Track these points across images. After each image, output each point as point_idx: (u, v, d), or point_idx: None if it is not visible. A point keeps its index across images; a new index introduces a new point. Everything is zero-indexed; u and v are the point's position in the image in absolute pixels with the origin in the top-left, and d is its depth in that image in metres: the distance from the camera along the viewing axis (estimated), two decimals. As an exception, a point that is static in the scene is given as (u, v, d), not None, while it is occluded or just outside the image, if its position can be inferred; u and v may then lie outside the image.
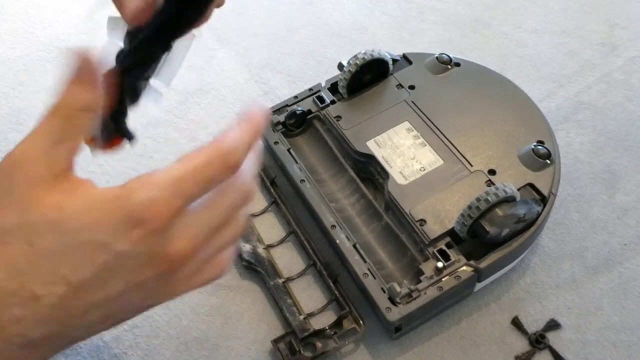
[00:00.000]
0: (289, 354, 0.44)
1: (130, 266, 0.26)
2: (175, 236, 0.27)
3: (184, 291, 0.30)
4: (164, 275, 0.27)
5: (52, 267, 0.25)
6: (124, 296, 0.27)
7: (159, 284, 0.28)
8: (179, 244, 0.27)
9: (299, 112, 0.55)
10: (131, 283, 0.26)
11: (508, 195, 0.43)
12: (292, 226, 0.52)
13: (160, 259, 0.27)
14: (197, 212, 0.28)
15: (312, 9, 0.73)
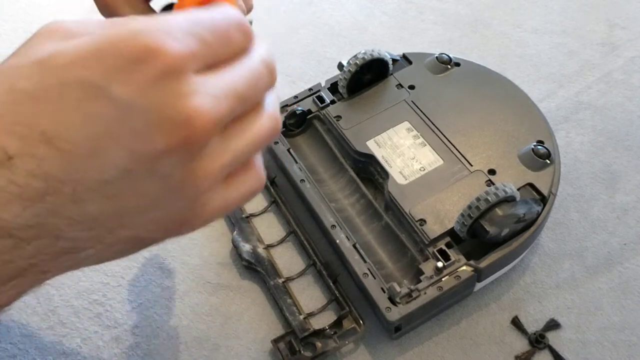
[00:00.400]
0: (289, 354, 0.44)
1: (134, 125, 0.20)
2: (193, 89, 0.20)
3: (221, 204, 0.24)
4: (183, 151, 0.21)
5: (29, 116, 0.19)
6: (132, 183, 0.21)
7: (181, 172, 0.21)
8: (199, 100, 0.20)
9: (299, 112, 0.55)
10: (138, 155, 0.20)
11: (508, 195, 0.43)
12: (292, 226, 0.52)
13: (174, 117, 0.20)
14: (219, 72, 0.22)
15: (312, 9, 0.73)
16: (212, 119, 0.21)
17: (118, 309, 0.49)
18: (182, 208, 0.23)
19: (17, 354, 0.46)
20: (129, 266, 0.51)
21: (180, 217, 0.23)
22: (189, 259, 0.51)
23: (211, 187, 0.23)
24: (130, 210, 0.22)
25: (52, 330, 0.48)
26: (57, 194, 0.20)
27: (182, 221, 0.24)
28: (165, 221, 0.23)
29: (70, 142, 0.20)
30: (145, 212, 0.22)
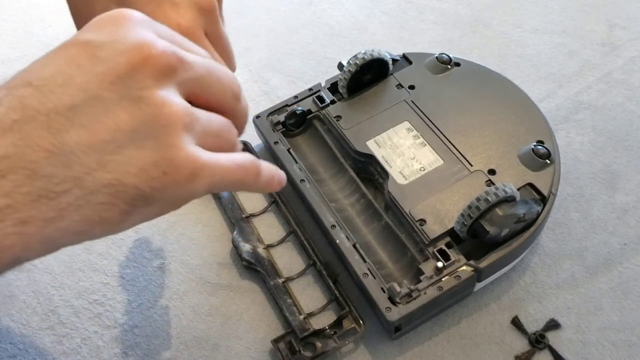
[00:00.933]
0: (289, 354, 0.44)
1: (98, 54, 0.23)
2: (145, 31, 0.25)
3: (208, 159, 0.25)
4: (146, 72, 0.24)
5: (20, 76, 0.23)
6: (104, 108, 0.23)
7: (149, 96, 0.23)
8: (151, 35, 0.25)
9: (299, 112, 0.55)
10: (104, 77, 0.23)
11: (508, 195, 0.43)
12: (292, 226, 0.52)
13: (133, 43, 0.24)
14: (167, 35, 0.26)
15: (312, 9, 0.73)
16: (170, 50, 0.24)
17: (118, 309, 0.49)
18: (160, 146, 0.24)
19: (17, 354, 0.46)
20: (129, 266, 0.51)
21: (160, 158, 0.24)
22: (189, 259, 0.51)
23: (193, 131, 0.25)
24: (106, 145, 0.23)
25: (52, 330, 0.48)
26: (32, 122, 0.21)
27: (164, 166, 0.24)
28: (145, 164, 0.23)
29: (45, 78, 0.22)
30: (122, 149, 0.23)
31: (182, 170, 0.24)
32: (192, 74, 0.26)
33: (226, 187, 0.27)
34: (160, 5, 0.33)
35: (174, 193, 0.24)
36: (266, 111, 0.57)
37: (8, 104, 0.22)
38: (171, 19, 0.32)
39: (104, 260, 0.51)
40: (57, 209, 0.22)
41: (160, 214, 0.25)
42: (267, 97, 0.64)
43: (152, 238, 0.53)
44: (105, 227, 0.24)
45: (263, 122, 0.56)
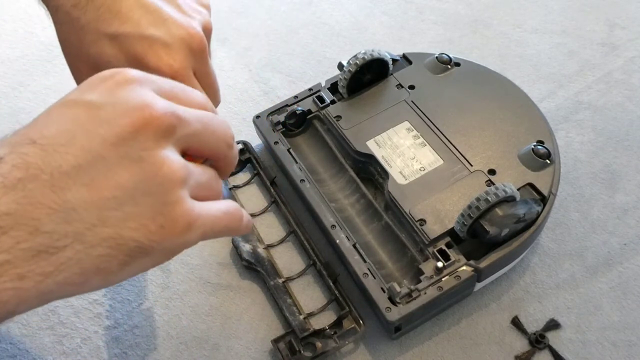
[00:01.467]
0: (289, 354, 0.44)
1: (102, 116, 0.24)
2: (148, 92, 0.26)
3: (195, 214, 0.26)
4: (146, 134, 0.24)
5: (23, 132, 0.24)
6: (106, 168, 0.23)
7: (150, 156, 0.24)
8: (151, 95, 0.25)
9: (299, 112, 0.55)
10: (107, 139, 0.23)
11: (508, 195, 0.43)
12: (292, 226, 0.52)
13: (134, 106, 0.24)
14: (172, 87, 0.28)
15: (312, 9, 0.73)
16: (170, 110, 0.25)
17: (118, 309, 0.49)
18: (159, 203, 0.25)
19: (17, 354, 0.46)
20: (129, 266, 0.51)
21: (158, 214, 0.25)
22: (189, 259, 0.51)
23: (183, 183, 0.25)
24: (107, 202, 0.23)
25: (52, 330, 0.48)
26: (36, 181, 0.22)
27: (162, 220, 0.25)
28: (144, 219, 0.24)
29: (49, 138, 0.23)
30: (123, 206, 0.24)
31: (179, 223, 0.25)
32: (190, 131, 0.27)
33: (216, 234, 0.28)
34: (152, 45, 0.33)
35: (170, 244, 0.26)
36: (266, 111, 0.57)
37: (12, 162, 0.22)
38: (163, 59, 0.33)
39: (104, 260, 0.51)
40: (56, 264, 0.23)
41: (155, 264, 0.26)
42: (267, 97, 0.64)
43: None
44: (102, 279, 0.25)
45: (263, 122, 0.56)
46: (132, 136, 0.24)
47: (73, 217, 0.23)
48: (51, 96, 0.64)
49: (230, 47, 0.69)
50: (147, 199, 0.24)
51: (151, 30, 0.33)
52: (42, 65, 0.67)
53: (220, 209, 0.28)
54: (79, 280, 0.24)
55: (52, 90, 0.65)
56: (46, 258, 0.22)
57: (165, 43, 0.33)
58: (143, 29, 0.33)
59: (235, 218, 0.29)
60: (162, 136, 0.25)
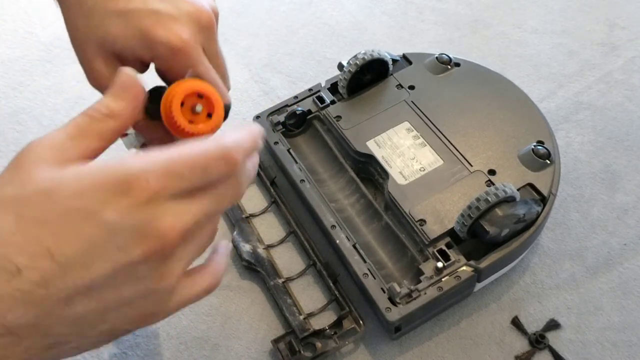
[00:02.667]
0: (289, 354, 0.44)
1: (118, 242, 0.25)
2: (165, 212, 0.26)
3: (183, 299, 0.29)
4: (155, 259, 0.26)
5: (37, 237, 0.24)
6: (114, 286, 0.25)
7: (154, 274, 0.26)
8: (169, 221, 0.26)
9: (299, 112, 0.55)
10: (120, 265, 0.25)
11: (508, 195, 0.43)
12: (292, 226, 0.52)
13: (149, 233, 0.25)
14: (190, 197, 0.27)
15: (312, 9, 0.73)
16: (180, 229, 0.26)
17: (118, 309, 0.49)
18: (153, 303, 0.27)
19: (17, 354, 0.46)
20: (129, 266, 0.51)
21: (151, 311, 0.28)
22: (189, 259, 0.51)
23: (176, 284, 0.27)
24: (110, 309, 0.26)
25: (52, 331, 0.48)
26: (53, 298, 0.24)
27: (152, 315, 0.28)
28: (139, 315, 0.27)
29: (68, 257, 0.24)
30: (123, 309, 0.26)
31: (163, 318, 0.29)
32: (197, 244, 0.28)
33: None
34: (160, 18, 0.32)
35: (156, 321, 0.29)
36: (266, 111, 0.57)
37: (32, 279, 0.24)
38: (172, 30, 0.32)
39: (104, 260, 0.51)
40: (60, 352, 0.26)
41: None
42: (267, 97, 0.64)
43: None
44: (99, 347, 0.29)
45: (263, 122, 0.56)
46: (144, 261, 0.25)
47: (79, 322, 0.25)
48: (51, 96, 0.64)
49: (230, 47, 0.69)
50: (144, 303, 0.27)
51: (159, 4, 0.33)
52: (42, 65, 0.67)
53: (199, 291, 0.30)
54: (78, 353, 0.28)
55: (52, 90, 0.65)
56: (54, 350, 0.26)
57: (173, 16, 0.33)
58: (150, 4, 0.32)
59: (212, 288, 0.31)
60: (168, 257, 0.26)
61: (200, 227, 0.28)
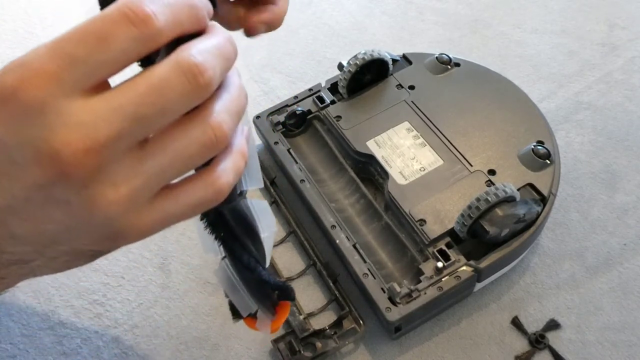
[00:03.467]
0: (289, 354, 0.44)
1: (15, 159, 0.20)
2: (60, 121, 0.20)
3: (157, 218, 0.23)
4: (66, 182, 0.21)
5: None
6: (39, 208, 0.21)
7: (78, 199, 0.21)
8: (64, 135, 0.20)
9: (299, 112, 0.55)
10: (27, 185, 0.21)
11: (508, 195, 0.43)
12: (292, 226, 0.52)
13: (41, 153, 0.20)
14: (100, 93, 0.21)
15: (312, 9, 0.73)
16: (84, 150, 0.20)
17: (118, 309, 0.49)
18: (106, 227, 0.22)
19: (17, 354, 0.46)
20: (129, 266, 0.51)
21: (109, 234, 0.23)
22: (189, 259, 0.51)
23: (130, 209, 0.22)
24: (52, 232, 0.22)
25: (52, 330, 0.48)
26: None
27: (114, 237, 0.23)
28: (96, 237, 0.23)
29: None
30: (68, 232, 0.23)
31: (133, 236, 0.23)
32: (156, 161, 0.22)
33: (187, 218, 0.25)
34: None
35: (131, 242, 0.24)
36: (266, 111, 0.57)
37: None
38: None
39: (104, 260, 0.51)
40: (29, 269, 0.25)
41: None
42: (267, 97, 0.64)
43: (152, 238, 0.53)
44: (79, 266, 0.25)
45: (263, 122, 0.56)
46: (51, 184, 0.21)
47: (25, 242, 0.23)
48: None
49: (230, 47, 0.69)
50: (91, 228, 0.23)
51: None
52: (42, 65, 0.67)
53: (185, 207, 0.24)
54: (54, 272, 0.25)
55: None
56: (20, 266, 0.24)
57: None
58: None
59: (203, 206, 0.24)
60: (83, 182, 0.21)
61: (136, 132, 0.21)
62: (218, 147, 0.23)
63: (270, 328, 0.31)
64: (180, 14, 0.21)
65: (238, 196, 0.28)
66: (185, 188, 0.23)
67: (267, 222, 0.29)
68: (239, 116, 0.24)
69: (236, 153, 0.25)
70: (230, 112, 0.23)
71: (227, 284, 0.30)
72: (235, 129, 0.24)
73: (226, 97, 0.23)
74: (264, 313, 0.31)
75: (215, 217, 0.28)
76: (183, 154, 0.22)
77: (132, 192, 0.22)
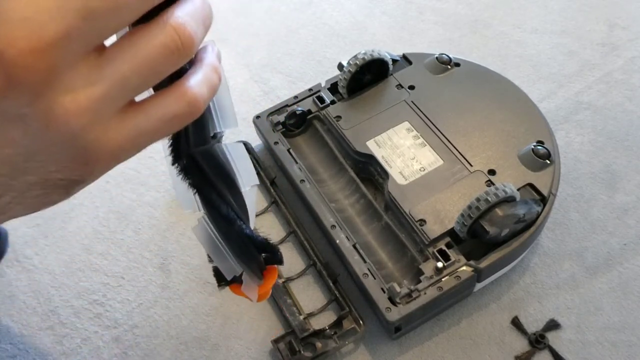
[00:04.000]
0: (289, 354, 0.44)
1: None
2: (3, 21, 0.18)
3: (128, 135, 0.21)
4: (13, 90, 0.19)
5: None
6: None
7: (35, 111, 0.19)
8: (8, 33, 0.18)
9: (299, 112, 0.55)
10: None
11: (508, 195, 0.43)
12: (292, 226, 0.52)
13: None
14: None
15: (312, 9, 0.73)
16: (29, 49, 0.18)
17: (118, 309, 0.49)
18: (70, 146, 0.21)
19: (17, 354, 0.46)
20: (129, 266, 0.51)
21: (76, 154, 0.21)
22: (189, 259, 0.51)
23: (96, 121, 0.20)
24: (14, 157, 0.21)
25: (52, 330, 0.48)
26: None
27: (84, 158, 0.21)
28: (63, 161, 0.21)
29: None
30: (32, 157, 0.21)
31: (104, 157, 0.22)
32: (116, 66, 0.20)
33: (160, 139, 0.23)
34: None
35: (103, 170, 0.22)
36: (266, 111, 0.57)
37: None
38: None
39: (104, 260, 0.51)
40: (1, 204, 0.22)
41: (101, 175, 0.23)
42: (267, 97, 0.64)
43: (152, 238, 0.53)
44: (55, 202, 0.23)
45: (263, 122, 0.56)
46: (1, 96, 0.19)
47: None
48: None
49: (231, 47, 0.69)
50: (55, 149, 0.21)
51: None
52: (42, 65, 0.67)
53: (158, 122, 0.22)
54: (29, 212, 0.23)
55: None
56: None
57: None
58: None
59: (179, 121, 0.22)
60: (35, 89, 0.19)
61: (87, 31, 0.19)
62: (185, 53, 0.21)
63: (257, 294, 0.29)
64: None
65: (212, 139, 0.26)
66: (156, 101, 0.22)
67: (247, 172, 0.28)
68: (204, 25, 0.22)
69: (207, 66, 0.23)
70: (194, 18, 0.21)
71: (207, 243, 0.28)
72: (202, 38, 0.22)
73: (189, 4, 0.22)
74: (250, 277, 0.29)
75: (189, 161, 0.25)
76: (145, 58, 0.20)
77: (93, 102, 0.20)
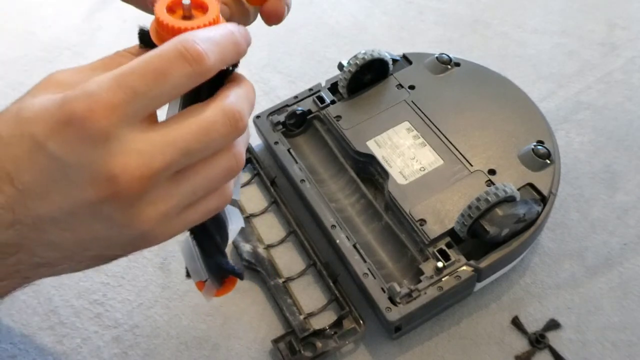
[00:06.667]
0: (289, 354, 0.44)
1: (71, 178, 0.23)
2: (120, 149, 0.23)
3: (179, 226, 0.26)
4: (116, 202, 0.23)
5: (0, 159, 0.23)
6: (82, 222, 0.24)
7: (122, 217, 0.24)
8: (122, 161, 0.23)
9: (299, 112, 0.55)
10: (78, 202, 0.23)
11: (508, 195, 0.43)
12: (292, 226, 0.52)
13: (99, 175, 0.23)
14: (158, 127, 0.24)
15: (312, 9, 0.73)
16: (139, 176, 0.23)
17: (118, 309, 0.49)
18: (138, 239, 0.26)
19: (17, 354, 0.46)
20: (129, 266, 0.51)
21: (138, 242, 0.26)
22: (189, 259, 0.51)
23: (161, 223, 0.25)
24: (87, 241, 0.25)
25: (52, 330, 0.48)
26: (22, 224, 0.24)
27: (141, 244, 0.26)
28: (124, 244, 0.26)
29: (24, 184, 0.23)
30: (102, 241, 0.25)
31: (159, 242, 0.27)
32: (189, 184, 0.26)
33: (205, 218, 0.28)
34: None
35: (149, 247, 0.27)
36: (266, 111, 0.57)
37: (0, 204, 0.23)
38: None
39: (104, 260, 0.51)
40: (53, 271, 0.27)
41: None
42: (267, 97, 0.64)
43: (152, 238, 0.53)
44: (97, 266, 0.28)
45: (263, 122, 0.56)
46: (100, 203, 0.23)
47: (61, 248, 0.25)
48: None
49: (230, 47, 0.69)
50: (124, 239, 0.25)
51: None
52: (42, 65, 0.67)
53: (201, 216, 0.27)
54: (74, 272, 0.28)
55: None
56: (46, 269, 0.26)
57: None
58: None
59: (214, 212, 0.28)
60: (131, 202, 0.24)
61: (181, 163, 0.24)
62: (237, 172, 0.27)
63: (212, 296, 0.34)
64: (227, 51, 0.25)
65: None
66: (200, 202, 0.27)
67: (237, 219, 0.34)
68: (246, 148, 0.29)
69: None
70: (245, 145, 0.28)
71: (188, 257, 0.33)
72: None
73: (244, 135, 0.27)
74: (212, 283, 0.34)
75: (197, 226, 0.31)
76: (212, 178, 0.26)
77: (168, 209, 0.25)
